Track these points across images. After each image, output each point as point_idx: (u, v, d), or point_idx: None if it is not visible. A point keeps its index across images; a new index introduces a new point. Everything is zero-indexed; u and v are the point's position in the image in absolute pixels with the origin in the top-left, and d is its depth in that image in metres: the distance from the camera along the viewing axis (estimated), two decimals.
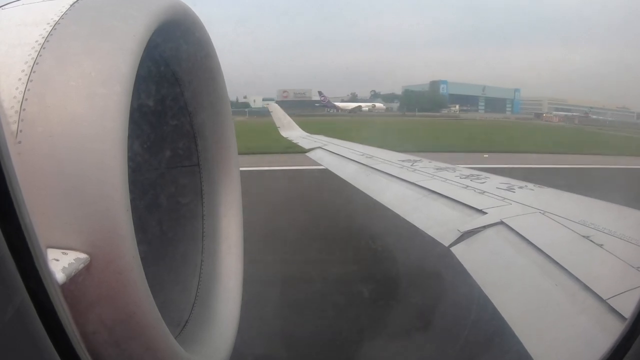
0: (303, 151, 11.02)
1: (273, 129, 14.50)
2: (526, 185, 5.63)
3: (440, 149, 20.16)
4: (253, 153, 18.51)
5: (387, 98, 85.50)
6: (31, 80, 1.40)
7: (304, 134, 13.06)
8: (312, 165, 10.69)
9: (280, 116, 14.53)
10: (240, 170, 2.85)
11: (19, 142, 1.33)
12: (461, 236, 4.08)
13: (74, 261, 1.28)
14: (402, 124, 47.70)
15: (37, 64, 1.42)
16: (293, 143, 12.25)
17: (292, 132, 13.51)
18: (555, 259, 3.14)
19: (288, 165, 16.82)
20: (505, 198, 4.96)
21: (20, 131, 1.35)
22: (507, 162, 17.96)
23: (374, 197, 6.32)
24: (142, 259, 1.47)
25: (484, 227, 4.13)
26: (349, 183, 7.53)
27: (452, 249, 3.96)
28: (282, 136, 13.60)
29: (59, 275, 1.20)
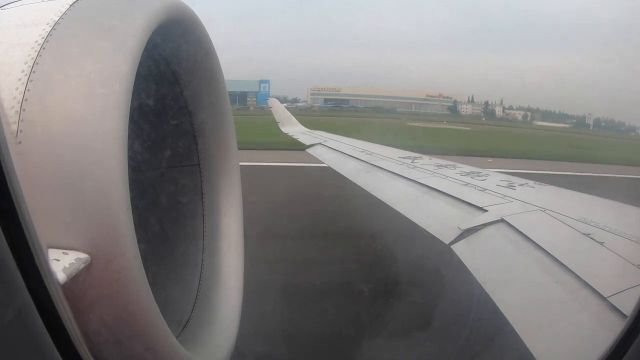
0: (303, 147, 10.98)
1: None
2: (527, 183, 5.64)
3: None
4: None
5: None
6: (31, 81, 1.40)
7: (304, 129, 12.93)
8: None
9: (280, 112, 14.34)
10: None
11: (19, 143, 1.33)
12: (462, 234, 4.09)
13: (74, 261, 1.28)
14: None
15: (37, 64, 1.42)
16: (293, 139, 12.16)
17: (292, 127, 13.33)
18: (555, 256, 3.15)
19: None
20: (505, 195, 4.97)
21: (21, 131, 1.35)
22: None
23: (375, 195, 6.33)
24: (142, 258, 1.47)
25: (485, 224, 4.14)
26: (349, 180, 7.54)
27: (453, 246, 3.96)
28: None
29: (60, 275, 1.21)
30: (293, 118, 14.08)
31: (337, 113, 64.38)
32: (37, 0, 1.66)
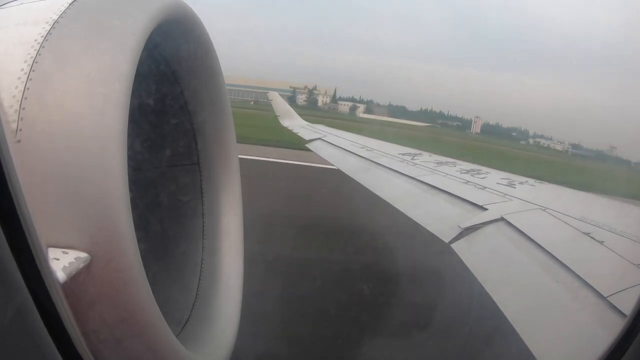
0: (303, 142, 10.85)
1: None
2: (527, 181, 5.64)
3: None
4: None
5: None
6: (31, 79, 1.39)
7: (304, 123, 12.75)
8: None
9: (280, 105, 14.16)
10: None
11: (19, 142, 1.33)
12: (461, 232, 4.09)
13: (74, 260, 1.28)
14: None
15: (37, 63, 1.42)
16: (293, 133, 12.00)
17: (292, 121, 13.13)
18: (555, 255, 3.15)
19: None
20: (505, 194, 4.97)
21: (20, 130, 1.34)
22: None
23: (375, 192, 6.32)
24: (142, 257, 1.47)
25: (485, 223, 4.14)
26: (349, 176, 7.52)
27: (453, 245, 3.96)
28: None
29: (60, 275, 1.20)
30: (293, 112, 13.83)
31: None
32: None
